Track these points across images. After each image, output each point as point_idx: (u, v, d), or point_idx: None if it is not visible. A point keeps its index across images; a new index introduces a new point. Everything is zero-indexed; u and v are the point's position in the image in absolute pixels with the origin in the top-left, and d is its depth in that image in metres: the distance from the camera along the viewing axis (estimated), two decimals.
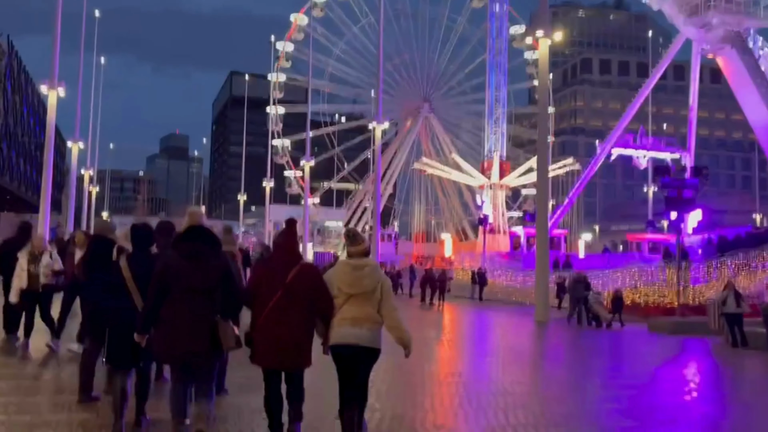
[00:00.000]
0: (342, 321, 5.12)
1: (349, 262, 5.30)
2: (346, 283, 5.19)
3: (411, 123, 68.79)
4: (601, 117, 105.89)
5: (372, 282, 5.21)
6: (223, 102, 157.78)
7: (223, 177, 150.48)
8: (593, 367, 12.33)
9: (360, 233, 5.78)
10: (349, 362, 5.14)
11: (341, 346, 5.13)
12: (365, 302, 5.17)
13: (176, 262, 5.00)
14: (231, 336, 5.01)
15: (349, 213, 67.84)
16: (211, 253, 5.09)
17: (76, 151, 41.30)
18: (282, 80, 64.31)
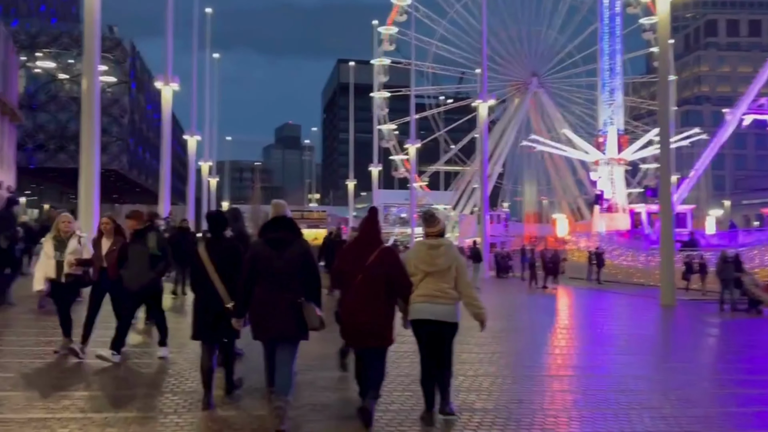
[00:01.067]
0: (419, 297, 5.51)
1: (426, 242, 5.71)
2: (423, 261, 5.58)
3: (519, 100, 66.39)
4: (729, 83, 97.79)
5: (447, 260, 5.58)
6: (331, 90, 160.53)
7: (334, 164, 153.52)
8: (734, 359, 10.81)
9: (436, 215, 5.93)
10: (429, 336, 5.56)
11: (420, 321, 5.53)
12: (441, 279, 5.52)
13: (262, 249, 5.40)
14: (315, 317, 5.31)
15: (457, 195, 66.76)
16: (292, 240, 5.43)
17: (194, 144, 43.12)
18: (386, 64, 64.03)
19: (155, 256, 7.72)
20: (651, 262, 28.80)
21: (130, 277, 7.67)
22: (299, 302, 5.28)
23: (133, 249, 7.72)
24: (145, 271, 7.63)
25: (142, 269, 7.62)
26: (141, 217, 8.07)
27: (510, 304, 19.65)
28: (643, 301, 21.15)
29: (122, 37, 58.00)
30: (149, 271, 7.66)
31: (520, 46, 67.00)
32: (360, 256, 5.59)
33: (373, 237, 5.73)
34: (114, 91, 57.57)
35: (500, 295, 23.37)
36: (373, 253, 5.55)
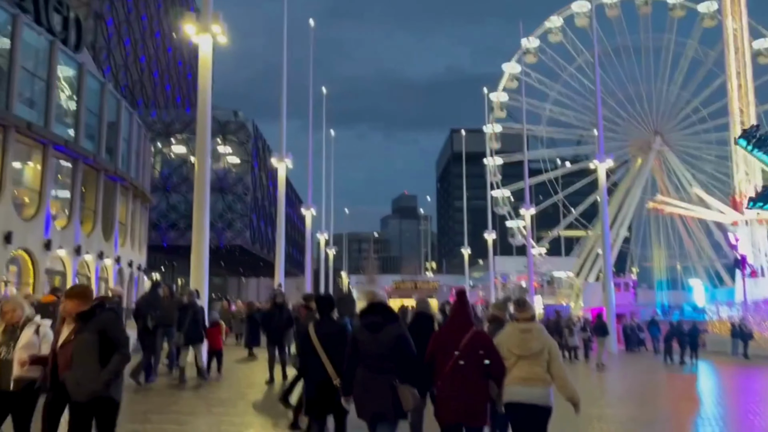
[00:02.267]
0: (513, 380, 5.60)
1: (518, 326, 5.85)
2: (515, 345, 5.70)
3: (642, 159, 63.10)
4: None
5: (539, 344, 5.69)
6: (445, 160, 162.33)
7: (450, 232, 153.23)
8: None
9: (527, 301, 6.16)
10: (523, 419, 5.57)
11: (514, 404, 5.59)
12: (534, 363, 5.62)
13: (360, 333, 5.81)
14: (410, 398, 5.52)
15: (580, 261, 63.54)
16: (387, 324, 5.77)
17: (310, 218, 44.26)
18: (498, 131, 63.62)
19: (108, 349, 5.31)
20: None
21: (73, 382, 5.26)
22: (394, 384, 5.51)
23: (78, 340, 5.32)
24: (94, 371, 5.21)
25: (88, 369, 5.21)
26: (86, 295, 5.60)
27: (642, 386, 17.59)
28: None
29: (246, 119, 61.90)
30: (100, 371, 5.22)
31: (640, 105, 64.25)
32: (452, 339, 5.71)
33: (465, 319, 5.86)
34: (238, 170, 61.12)
35: (630, 374, 21.17)
36: (465, 336, 5.66)
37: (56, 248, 25.87)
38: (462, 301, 5.96)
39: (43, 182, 24.95)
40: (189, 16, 19.03)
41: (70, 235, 27.46)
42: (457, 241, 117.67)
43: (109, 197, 31.96)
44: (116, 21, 61.62)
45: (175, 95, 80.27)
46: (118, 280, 32.61)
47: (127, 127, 34.73)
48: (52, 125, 25.44)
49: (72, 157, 27.52)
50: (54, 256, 26.10)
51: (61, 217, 27.44)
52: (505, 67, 64.45)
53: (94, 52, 54.86)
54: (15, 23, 23.58)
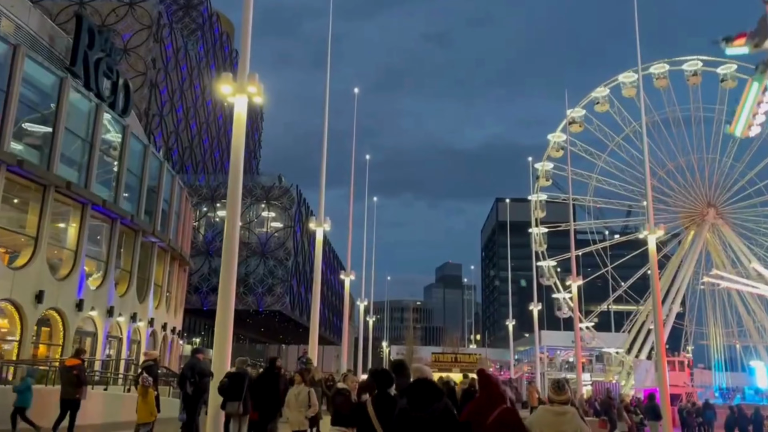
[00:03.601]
0: None
1: (552, 408, 5.91)
2: (548, 427, 5.74)
3: (695, 232, 60.63)
4: None
5: (572, 427, 5.75)
6: (490, 229, 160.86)
7: (495, 303, 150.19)
8: None
9: (565, 384, 6.12)
10: None
11: None
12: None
13: (406, 410, 5.73)
14: None
15: (630, 337, 60.46)
16: (433, 401, 5.71)
17: (348, 283, 43.50)
18: (543, 199, 62.41)
19: None
20: None
21: None
22: None
23: None
24: None
25: None
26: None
27: None
28: None
29: (290, 185, 62.52)
30: None
31: (692, 176, 62.36)
32: (483, 412, 5.86)
33: (499, 395, 5.98)
34: (280, 235, 61.26)
35: None
36: (495, 411, 5.77)
37: (88, 309, 25.64)
38: (489, 380, 6.15)
39: (80, 242, 24.99)
40: (225, 77, 19.01)
41: (104, 296, 27.29)
42: (502, 313, 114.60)
43: (146, 258, 31.92)
44: (170, 89, 64.05)
45: (224, 161, 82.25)
46: (150, 343, 32.13)
47: (168, 189, 35.10)
48: (92, 186, 25.72)
49: (110, 217, 27.69)
50: (85, 317, 25.84)
51: (96, 277, 27.38)
52: (550, 137, 63.83)
53: (147, 119, 56.88)
54: (62, 86, 24.27)
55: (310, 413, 10.95)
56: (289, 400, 11.26)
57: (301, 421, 10.84)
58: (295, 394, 11.11)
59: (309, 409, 10.90)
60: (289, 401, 11.16)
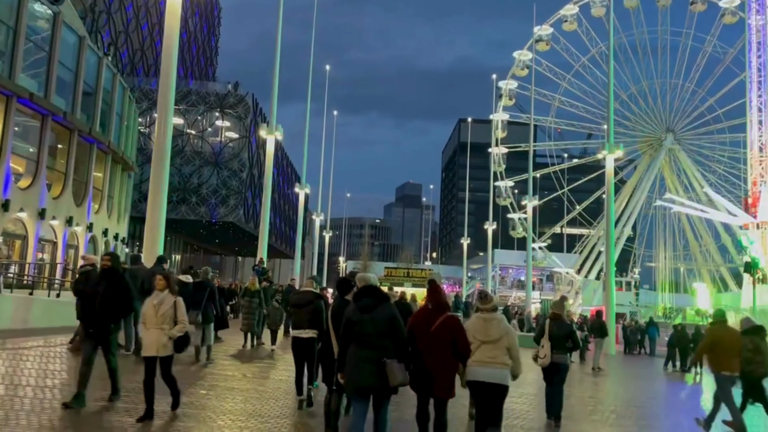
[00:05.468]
0: (475, 362, 6.45)
1: (481, 315, 6.68)
2: (478, 332, 6.55)
3: (651, 157, 60.96)
4: None
5: (498, 332, 6.53)
6: (451, 149, 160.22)
7: (452, 223, 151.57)
8: None
9: (490, 294, 6.92)
10: (483, 396, 6.49)
11: (475, 382, 6.47)
12: (494, 347, 6.46)
13: (353, 313, 6.10)
14: (397, 374, 5.83)
15: (581, 258, 61.64)
16: (378, 305, 6.08)
17: (302, 197, 42.59)
18: (504, 119, 61.43)
19: None
20: None
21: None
22: (383, 361, 5.82)
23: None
24: None
25: None
26: None
27: (640, 394, 15.76)
28: None
29: (245, 94, 59.93)
30: None
31: (653, 101, 62.05)
32: (428, 320, 6.40)
33: (438, 304, 6.52)
34: (235, 145, 59.24)
35: (628, 380, 19.31)
36: (438, 319, 6.34)
37: (16, 210, 24.05)
38: (434, 289, 6.62)
39: (4, 137, 23.08)
40: None
41: (34, 197, 25.65)
42: (459, 232, 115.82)
43: (84, 160, 30.04)
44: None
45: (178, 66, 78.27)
46: (89, 249, 30.80)
47: (109, 88, 32.78)
48: (17, 77, 23.55)
49: (40, 113, 25.62)
50: (14, 218, 24.28)
51: (25, 177, 25.60)
52: (516, 55, 62.12)
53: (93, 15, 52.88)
54: None
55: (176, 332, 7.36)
56: (145, 314, 7.46)
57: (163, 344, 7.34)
58: (155, 304, 7.47)
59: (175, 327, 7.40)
60: (146, 315, 7.45)
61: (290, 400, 9.24)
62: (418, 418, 6.45)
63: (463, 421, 8.41)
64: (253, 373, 12.08)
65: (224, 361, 12.90)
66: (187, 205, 57.27)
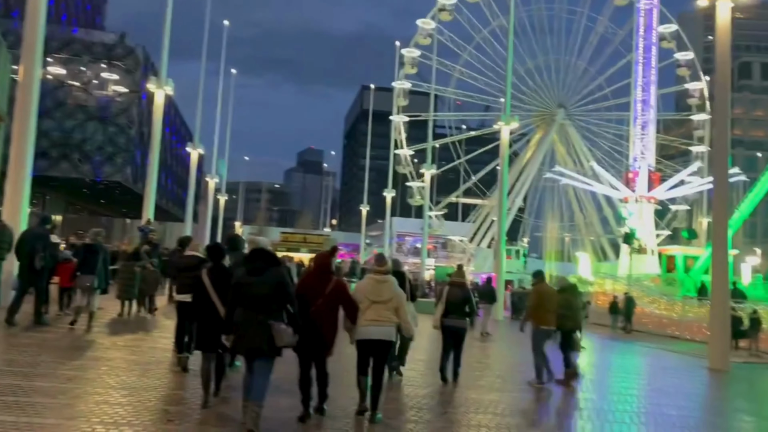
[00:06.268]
0: (367, 321, 6.84)
1: (375, 277, 7.07)
2: (370, 293, 6.96)
3: (544, 131, 63.37)
4: (763, 127, 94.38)
5: (390, 293, 6.96)
6: (353, 116, 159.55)
7: (353, 190, 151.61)
8: None
9: (385, 257, 7.60)
10: (370, 351, 6.91)
11: (365, 340, 6.87)
12: (384, 308, 6.89)
13: (243, 276, 6.22)
14: (284, 335, 6.02)
15: (475, 227, 63.53)
16: (268, 268, 6.23)
17: (195, 156, 40.84)
18: (406, 87, 61.54)
19: None
20: (688, 313, 25.35)
21: None
22: (270, 323, 5.95)
23: None
24: None
25: None
26: None
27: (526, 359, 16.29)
28: (685, 361, 17.71)
29: (135, 45, 56.24)
30: None
31: (547, 77, 64.31)
32: (317, 285, 6.70)
33: (329, 269, 6.93)
34: (123, 100, 55.65)
35: (512, 345, 19.93)
36: (329, 283, 6.70)
37: None
38: (330, 254, 7.04)
39: None
40: None
41: None
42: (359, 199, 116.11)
43: None
44: None
45: (60, 11, 72.12)
46: None
47: None
48: None
49: None
50: None
51: None
52: (419, 23, 62.06)
53: None
54: None
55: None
56: None
57: None
58: None
59: None
60: None
61: (162, 371, 8.68)
62: (302, 383, 6.66)
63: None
64: (126, 342, 11.28)
65: (97, 329, 11.99)
66: (68, 162, 53.40)
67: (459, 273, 10.43)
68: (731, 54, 20.08)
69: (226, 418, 6.56)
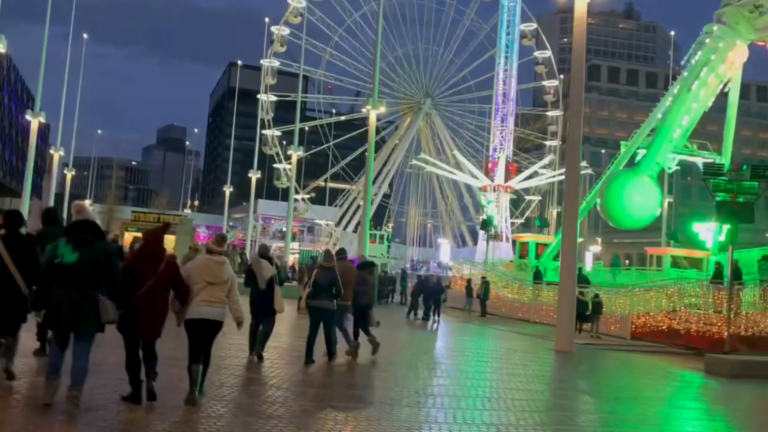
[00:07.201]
0: (202, 302, 6.73)
1: (213, 258, 6.97)
2: (207, 274, 6.82)
3: (411, 119, 64.50)
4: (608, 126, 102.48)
5: (226, 274, 6.94)
6: (219, 94, 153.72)
7: (217, 170, 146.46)
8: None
9: (225, 238, 8.05)
10: (201, 331, 6.76)
11: (198, 320, 6.73)
12: (219, 289, 6.84)
13: (63, 248, 5.86)
14: (109, 311, 5.87)
15: (341, 211, 63.51)
16: (94, 241, 5.98)
17: (36, 125, 37.01)
18: (275, 65, 59.84)
19: None
20: (538, 297, 26.71)
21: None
22: (95, 298, 5.80)
23: None
24: None
25: None
26: None
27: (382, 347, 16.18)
28: (534, 343, 18.52)
29: None
30: None
31: (416, 65, 65.43)
32: (148, 263, 6.47)
33: (161, 248, 6.73)
34: None
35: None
36: (161, 262, 6.51)
37: None
38: (161, 232, 6.99)
39: None
40: None
41: None
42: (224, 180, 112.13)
43: None
44: None
45: None
46: None
47: None
48: None
49: None
50: None
51: None
52: (290, 0, 60.49)
53: None
54: None
55: None
56: None
57: None
58: None
59: None
60: None
61: None
62: (129, 365, 6.41)
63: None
64: None
65: None
66: None
67: (327, 257, 10.80)
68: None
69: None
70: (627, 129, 44.10)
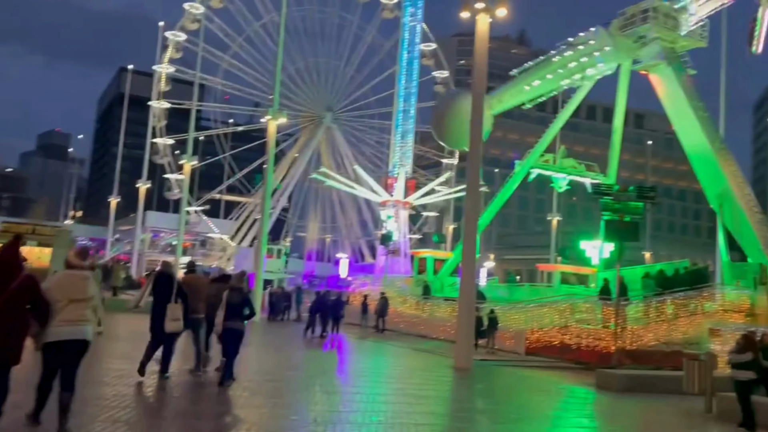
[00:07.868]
0: (64, 322, 6.20)
1: (78, 273, 6.58)
2: (70, 290, 6.37)
3: (311, 132, 63.80)
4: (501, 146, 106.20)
5: (93, 290, 6.59)
6: (108, 99, 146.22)
7: (103, 179, 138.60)
8: None
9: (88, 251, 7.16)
10: (60, 356, 6.21)
11: (58, 342, 6.16)
12: (84, 306, 6.41)
13: None
14: None
15: (237, 225, 61.56)
16: None
17: None
18: (170, 71, 57.34)
19: None
20: (436, 313, 26.78)
21: None
22: None
23: None
24: None
25: None
26: None
27: (282, 364, 15.42)
28: (433, 361, 18.35)
29: None
30: None
31: (317, 79, 64.96)
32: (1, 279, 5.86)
33: (14, 263, 5.99)
34: None
35: (266, 349, 18.84)
36: (12, 279, 5.82)
37: None
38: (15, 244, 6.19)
39: None
40: None
41: None
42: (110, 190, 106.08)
43: None
44: None
45: None
46: None
47: None
48: None
49: None
50: None
51: None
52: (187, 6, 58.32)
53: None
54: None
55: None
56: None
57: None
58: None
59: None
60: None
61: None
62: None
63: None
64: None
65: None
66: None
67: (239, 279, 10.92)
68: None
69: None
70: (520, 149, 45.85)
